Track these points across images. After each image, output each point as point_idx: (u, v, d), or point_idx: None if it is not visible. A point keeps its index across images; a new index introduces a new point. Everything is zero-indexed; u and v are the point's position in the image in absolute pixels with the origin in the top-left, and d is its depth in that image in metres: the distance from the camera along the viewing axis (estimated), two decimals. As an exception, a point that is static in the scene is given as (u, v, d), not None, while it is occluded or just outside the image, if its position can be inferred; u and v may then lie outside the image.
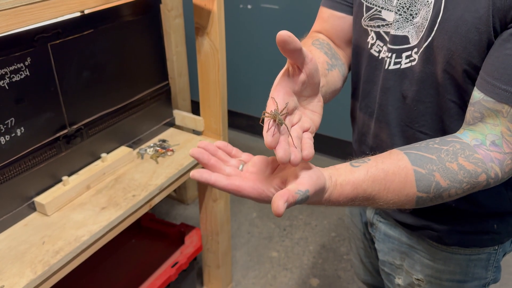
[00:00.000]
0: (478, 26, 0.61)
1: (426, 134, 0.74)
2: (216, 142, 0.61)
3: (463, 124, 0.66)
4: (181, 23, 1.87)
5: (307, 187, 0.52)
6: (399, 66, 0.72)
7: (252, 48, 2.48)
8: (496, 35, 0.61)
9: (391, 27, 0.73)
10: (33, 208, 1.07)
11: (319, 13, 0.87)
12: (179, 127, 1.50)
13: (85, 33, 1.08)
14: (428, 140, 0.65)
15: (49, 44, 1.00)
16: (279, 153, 0.50)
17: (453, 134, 0.66)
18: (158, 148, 1.32)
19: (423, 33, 0.68)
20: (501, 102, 0.60)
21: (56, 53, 1.02)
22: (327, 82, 0.75)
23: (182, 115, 1.45)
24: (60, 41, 1.02)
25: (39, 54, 0.99)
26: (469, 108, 0.65)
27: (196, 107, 1.58)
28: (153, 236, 1.59)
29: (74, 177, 1.14)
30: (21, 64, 0.95)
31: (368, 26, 0.77)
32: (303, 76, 0.55)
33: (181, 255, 1.47)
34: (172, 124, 1.45)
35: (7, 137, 0.97)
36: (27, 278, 0.89)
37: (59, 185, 1.11)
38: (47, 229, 1.02)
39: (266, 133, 0.51)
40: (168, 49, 1.82)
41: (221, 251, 1.58)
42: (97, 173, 1.16)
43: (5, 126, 0.96)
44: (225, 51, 1.30)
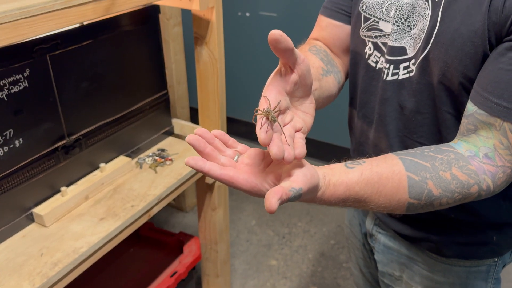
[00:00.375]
0: (473, 39, 0.61)
1: (424, 144, 0.74)
2: (213, 130, 0.59)
3: (458, 134, 0.67)
4: (180, 32, 1.88)
5: (301, 185, 0.52)
6: (396, 77, 0.73)
7: (250, 55, 2.49)
8: (491, 48, 0.61)
9: (388, 38, 0.73)
10: (31, 219, 1.06)
11: (317, 21, 0.87)
12: (178, 136, 1.50)
13: (84, 43, 1.08)
14: (423, 147, 0.65)
15: (48, 55, 1.00)
16: (273, 149, 0.50)
17: (448, 143, 0.66)
18: (157, 157, 1.32)
19: (420, 44, 0.68)
20: (494, 115, 0.60)
21: (55, 64, 1.02)
22: (321, 86, 0.75)
23: (181, 124, 1.45)
24: (59, 52, 1.02)
25: (38, 65, 0.99)
26: (463, 120, 0.65)
27: (194, 114, 1.57)
28: (152, 245, 1.58)
29: (72, 187, 1.14)
30: (20, 75, 0.95)
31: (365, 36, 0.77)
32: (295, 76, 0.55)
33: (180, 265, 1.46)
34: (171, 133, 1.45)
35: (6, 149, 0.96)
36: (25, 290, 0.89)
37: (58, 196, 1.10)
38: (46, 240, 1.02)
39: (259, 130, 0.51)
40: (167, 57, 1.83)
41: (220, 260, 1.57)
42: (95, 183, 1.16)
43: (4, 137, 0.95)
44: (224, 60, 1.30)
